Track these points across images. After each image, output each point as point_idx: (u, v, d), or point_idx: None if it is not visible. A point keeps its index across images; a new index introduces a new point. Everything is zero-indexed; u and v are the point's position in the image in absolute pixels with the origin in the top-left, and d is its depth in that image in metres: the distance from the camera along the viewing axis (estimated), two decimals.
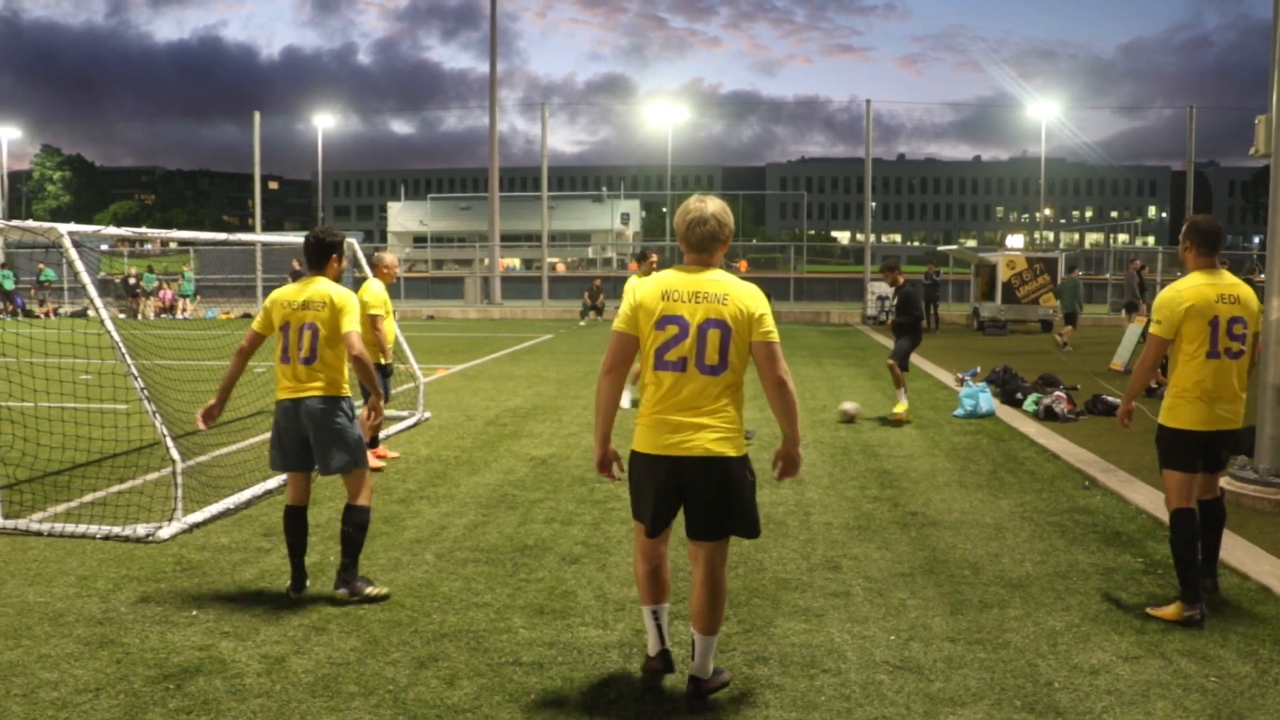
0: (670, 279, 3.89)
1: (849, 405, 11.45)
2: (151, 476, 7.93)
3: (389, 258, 8.77)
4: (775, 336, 3.86)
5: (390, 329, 8.55)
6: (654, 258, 11.52)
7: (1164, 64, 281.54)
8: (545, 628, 4.77)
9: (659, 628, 4.09)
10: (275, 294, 5.28)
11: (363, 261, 10.61)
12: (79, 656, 4.37)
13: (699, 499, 3.86)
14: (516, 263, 76.95)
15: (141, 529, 6.17)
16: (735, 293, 3.83)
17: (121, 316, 28.73)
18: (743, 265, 46.70)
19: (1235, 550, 6.07)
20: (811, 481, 8.04)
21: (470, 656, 4.41)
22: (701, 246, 3.92)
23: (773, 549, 6.15)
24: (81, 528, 6.23)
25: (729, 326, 3.79)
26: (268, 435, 10.14)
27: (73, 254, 6.31)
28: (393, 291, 9.33)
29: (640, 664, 4.29)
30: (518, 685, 4.13)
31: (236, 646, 4.49)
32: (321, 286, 5.20)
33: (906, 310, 11.49)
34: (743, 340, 3.81)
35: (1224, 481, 7.62)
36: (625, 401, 11.40)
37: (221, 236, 8.52)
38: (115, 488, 7.57)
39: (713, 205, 3.93)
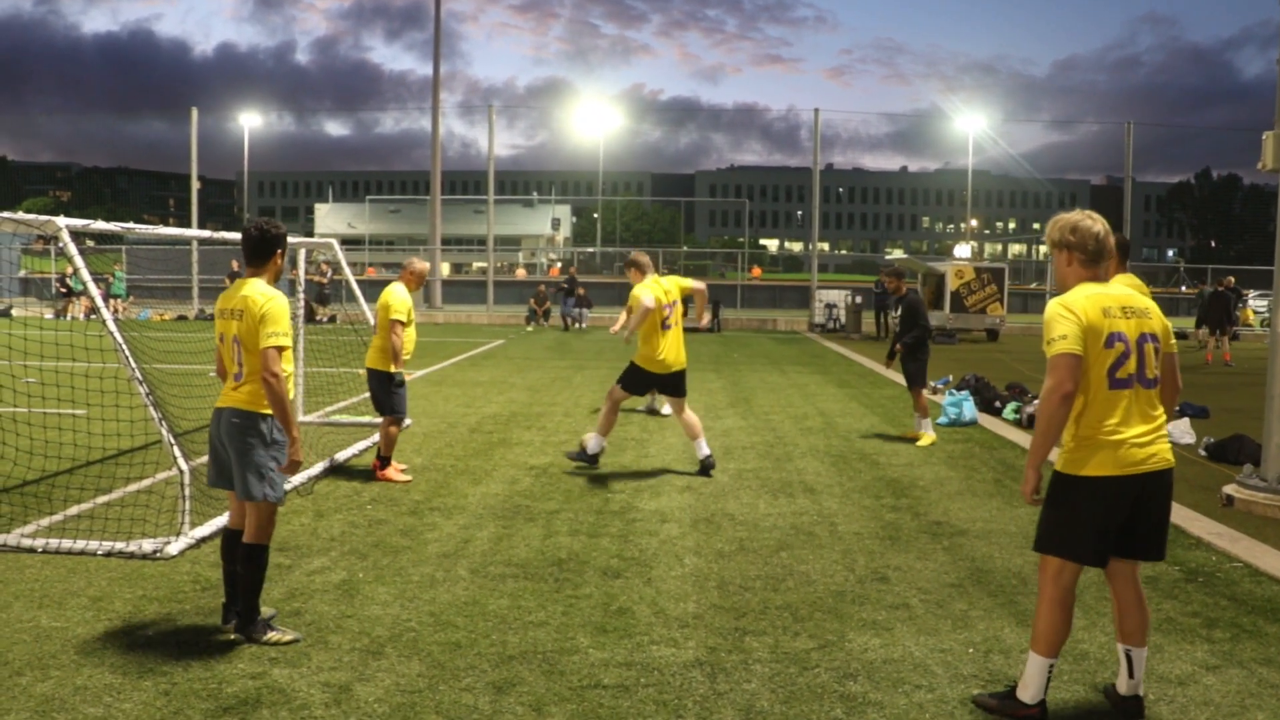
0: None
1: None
2: (133, 487, 7.48)
3: (419, 264, 8.32)
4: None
5: (412, 336, 8.08)
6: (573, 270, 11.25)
7: (1095, 81, 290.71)
8: (615, 647, 4.54)
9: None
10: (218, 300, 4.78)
11: (300, 262, 10.24)
12: (121, 689, 4.00)
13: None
14: (446, 268, 76.11)
15: (147, 545, 5.76)
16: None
17: (49, 316, 27.51)
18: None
19: (1267, 559, 6.10)
20: (824, 490, 7.92)
21: (548, 681, 4.16)
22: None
23: (813, 561, 6.00)
24: (80, 544, 5.79)
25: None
26: None
27: (72, 249, 5.89)
28: (335, 295, 8.95)
29: (725, 682, 4.11)
30: (609, 710, 3.89)
31: (292, 674, 4.17)
32: (246, 289, 4.55)
33: (914, 321, 10.33)
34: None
35: (1232, 489, 7.70)
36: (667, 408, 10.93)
37: (211, 234, 8.06)
38: (100, 499, 7.11)
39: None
